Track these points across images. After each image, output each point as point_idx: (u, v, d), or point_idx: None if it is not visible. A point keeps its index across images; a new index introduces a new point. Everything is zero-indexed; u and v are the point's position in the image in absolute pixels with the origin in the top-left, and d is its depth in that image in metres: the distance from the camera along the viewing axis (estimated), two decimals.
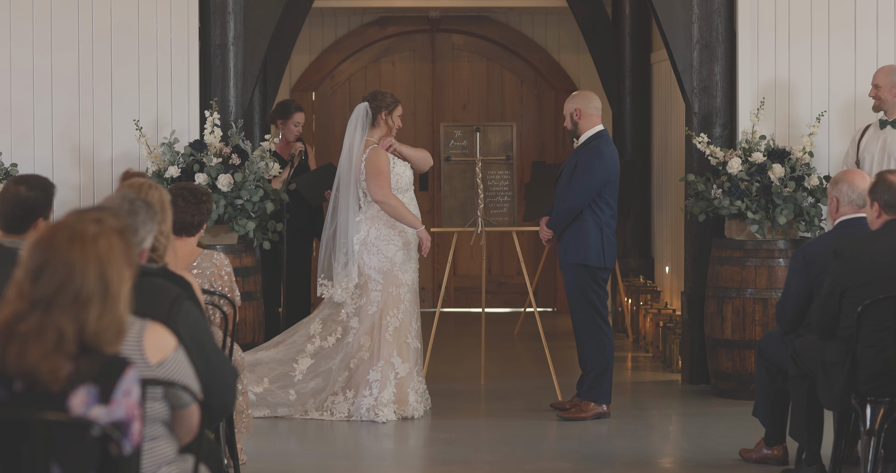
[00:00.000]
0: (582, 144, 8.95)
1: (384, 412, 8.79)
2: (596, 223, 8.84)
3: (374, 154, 8.99)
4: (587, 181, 8.78)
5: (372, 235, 8.98)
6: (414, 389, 8.96)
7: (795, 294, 7.03)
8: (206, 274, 6.85)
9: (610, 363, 8.91)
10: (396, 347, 8.92)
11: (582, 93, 9.15)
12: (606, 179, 8.82)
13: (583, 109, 8.94)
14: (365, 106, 9.08)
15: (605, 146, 8.88)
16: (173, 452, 3.97)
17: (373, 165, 8.95)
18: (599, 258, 8.83)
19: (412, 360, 8.97)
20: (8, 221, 5.72)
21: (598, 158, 8.82)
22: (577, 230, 8.85)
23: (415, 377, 8.97)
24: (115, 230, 3.63)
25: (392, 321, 8.92)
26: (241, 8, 9.91)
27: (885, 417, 6.35)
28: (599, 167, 8.80)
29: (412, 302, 9.03)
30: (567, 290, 8.98)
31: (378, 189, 8.92)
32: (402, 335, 8.94)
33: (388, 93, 9.18)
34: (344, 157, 9.10)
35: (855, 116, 9.95)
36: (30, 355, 3.51)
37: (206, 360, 4.37)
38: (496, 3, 14.46)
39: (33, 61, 9.89)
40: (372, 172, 8.93)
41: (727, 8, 9.98)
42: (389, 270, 8.97)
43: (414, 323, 9.02)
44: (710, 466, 7.59)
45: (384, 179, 8.93)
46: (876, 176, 6.65)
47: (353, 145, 9.02)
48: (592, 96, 9.04)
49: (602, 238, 8.84)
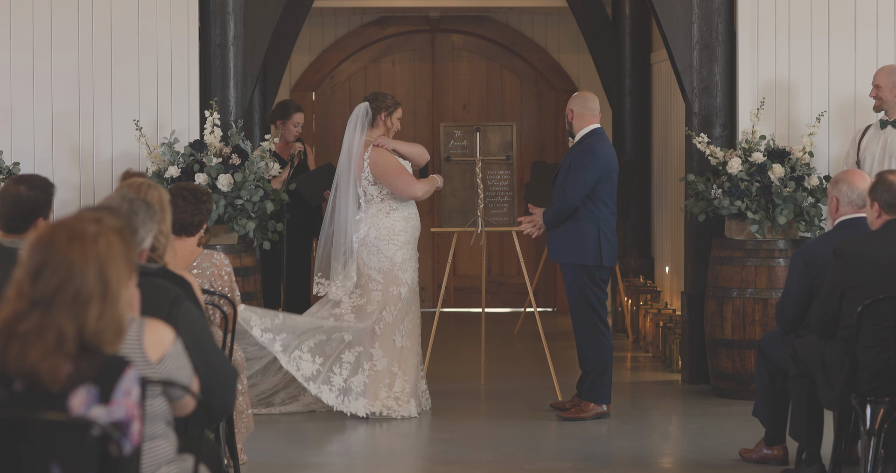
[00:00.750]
0: (576, 142, 9.00)
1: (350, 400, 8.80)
2: (593, 222, 8.84)
3: (379, 154, 8.99)
4: (579, 178, 8.81)
5: (371, 234, 8.98)
6: (403, 389, 8.93)
7: (795, 294, 7.03)
8: (206, 274, 6.85)
9: (609, 363, 8.91)
10: (380, 340, 8.92)
11: (579, 94, 9.19)
12: (599, 174, 8.84)
13: (575, 109, 9.00)
14: (365, 106, 9.09)
15: (597, 143, 8.92)
16: (173, 452, 3.97)
17: (385, 165, 8.95)
18: (597, 258, 8.83)
19: (398, 358, 8.94)
20: (8, 221, 5.72)
21: (591, 154, 8.86)
22: (574, 229, 8.86)
23: (401, 377, 8.94)
24: (115, 230, 3.63)
25: (386, 315, 8.93)
26: (241, 8, 9.91)
27: (885, 417, 6.35)
28: (591, 164, 8.84)
29: (409, 301, 9.02)
30: (566, 289, 9.00)
31: (408, 187, 8.98)
32: (390, 331, 8.94)
33: (390, 95, 9.20)
34: (343, 156, 9.10)
35: (855, 116, 9.95)
36: (30, 354, 3.51)
37: (206, 360, 4.37)
38: (496, 3, 14.46)
39: (33, 61, 9.89)
40: (391, 173, 8.94)
41: (727, 8, 9.98)
42: (390, 269, 8.96)
43: (407, 322, 8.99)
44: (710, 466, 7.59)
45: (405, 174, 8.99)
46: (876, 176, 6.65)
47: (352, 145, 9.03)
48: (588, 97, 9.08)
49: (599, 237, 8.84)
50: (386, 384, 8.91)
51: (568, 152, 9.06)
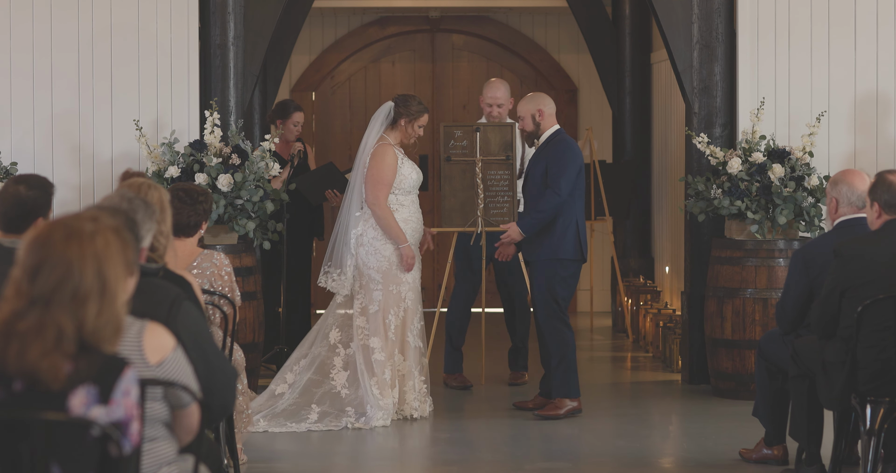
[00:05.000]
0: (544, 142, 9.02)
1: (380, 414, 8.73)
2: (571, 217, 8.91)
3: (381, 150, 8.93)
4: (568, 174, 8.85)
5: (369, 234, 8.94)
6: (414, 388, 8.94)
7: (795, 294, 7.02)
8: (206, 274, 6.84)
9: (574, 358, 8.96)
10: (399, 345, 8.91)
11: (534, 94, 9.24)
12: (579, 168, 8.92)
13: (544, 109, 9.04)
14: (390, 106, 9.03)
15: (570, 140, 9.07)
16: (173, 452, 3.97)
17: (378, 164, 8.91)
18: (575, 251, 8.89)
19: (412, 358, 8.95)
20: (7, 220, 5.72)
21: (570, 151, 8.93)
22: (552, 225, 8.92)
23: (416, 377, 8.95)
24: (112, 228, 3.63)
25: (393, 318, 8.90)
26: (241, 8, 9.91)
27: (885, 417, 6.35)
28: (572, 160, 8.90)
29: (414, 301, 8.99)
30: (535, 286, 9.01)
31: (374, 198, 8.89)
32: (402, 333, 8.93)
33: (419, 101, 9.07)
34: (358, 153, 9.08)
35: (855, 116, 9.95)
36: (30, 353, 3.51)
37: (206, 360, 4.37)
38: (496, 3, 14.47)
39: (33, 61, 9.89)
40: (374, 175, 8.89)
41: (727, 8, 9.98)
42: (388, 269, 8.94)
43: (416, 322, 8.98)
44: (710, 466, 7.59)
45: (383, 186, 8.89)
46: (876, 176, 6.65)
47: (367, 140, 9.01)
48: (547, 97, 9.18)
49: (577, 231, 8.90)
50: (409, 387, 8.91)
51: (537, 154, 9.06)
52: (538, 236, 8.96)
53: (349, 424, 8.65)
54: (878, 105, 10.00)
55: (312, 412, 8.70)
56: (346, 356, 8.91)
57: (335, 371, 8.88)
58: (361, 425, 8.66)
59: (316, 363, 8.92)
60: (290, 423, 8.62)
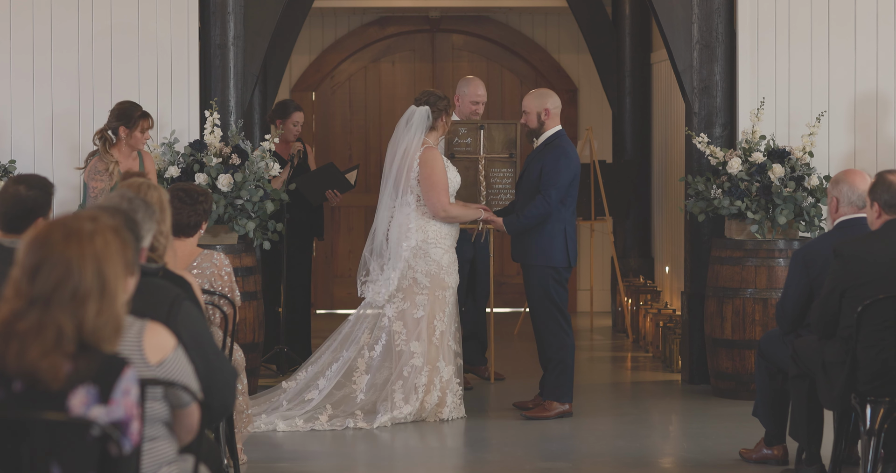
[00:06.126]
0: (543, 143, 8.99)
1: (386, 417, 8.72)
2: (560, 224, 8.87)
3: (431, 154, 8.85)
4: (559, 182, 8.82)
5: (419, 238, 8.87)
6: (453, 392, 8.91)
7: (795, 294, 7.02)
8: (206, 274, 6.84)
9: (572, 362, 8.95)
10: (443, 351, 8.88)
11: (544, 91, 9.18)
12: (572, 176, 8.87)
13: (551, 110, 8.99)
14: (426, 111, 8.93)
15: (568, 145, 8.99)
16: (173, 452, 3.97)
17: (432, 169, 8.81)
18: (564, 258, 8.87)
19: (454, 363, 8.93)
20: (7, 220, 5.71)
21: (565, 157, 8.88)
22: (541, 231, 8.88)
23: (454, 381, 8.92)
24: (111, 228, 3.63)
25: (438, 324, 8.83)
26: (241, 8, 9.91)
27: (885, 417, 6.34)
28: (566, 167, 8.87)
29: (454, 305, 8.95)
30: (529, 290, 8.99)
31: (437, 201, 8.81)
32: (445, 338, 8.89)
33: (439, 94, 9.04)
34: (389, 156, 8.96)
35: (855, 116, 9.95)
36: (30, 353, 3.51)
37: (206, 360, 4.37)
38: (496, 3, 14.47)
39: (33, 61, 9.89)
40: (430, 181, 8.79)
41: (727, 8, 9.98)
42: (437, 273, 8.85)
43: (453, 326, 8.95)
44: (710, 466, 7.59)
45: (442, 189, 8.82)
46: (876, 176, 6.65)
47: (408, 147, 8.86)
48: (555, 95, 9.10)
49: (566, 239, 8.87)
50: (451, 391, 8.89)
51: (535, 154, 9.02)
52: (527, 238, 8.94)
53: (351, 424, 8.65)
54: (878, 105, 10.00)
55: (324, 413, 8.70)
56: (369, 358, 8.87)
57: (357, 374, 8.86)
58: (364, 425, 8.65)
59: (346, 367, 8.89)
60: (299, 421, 8.62)
